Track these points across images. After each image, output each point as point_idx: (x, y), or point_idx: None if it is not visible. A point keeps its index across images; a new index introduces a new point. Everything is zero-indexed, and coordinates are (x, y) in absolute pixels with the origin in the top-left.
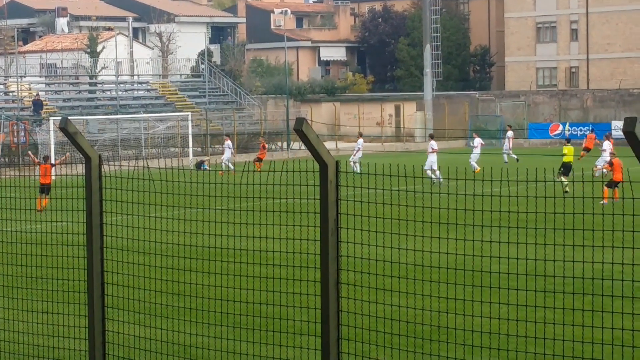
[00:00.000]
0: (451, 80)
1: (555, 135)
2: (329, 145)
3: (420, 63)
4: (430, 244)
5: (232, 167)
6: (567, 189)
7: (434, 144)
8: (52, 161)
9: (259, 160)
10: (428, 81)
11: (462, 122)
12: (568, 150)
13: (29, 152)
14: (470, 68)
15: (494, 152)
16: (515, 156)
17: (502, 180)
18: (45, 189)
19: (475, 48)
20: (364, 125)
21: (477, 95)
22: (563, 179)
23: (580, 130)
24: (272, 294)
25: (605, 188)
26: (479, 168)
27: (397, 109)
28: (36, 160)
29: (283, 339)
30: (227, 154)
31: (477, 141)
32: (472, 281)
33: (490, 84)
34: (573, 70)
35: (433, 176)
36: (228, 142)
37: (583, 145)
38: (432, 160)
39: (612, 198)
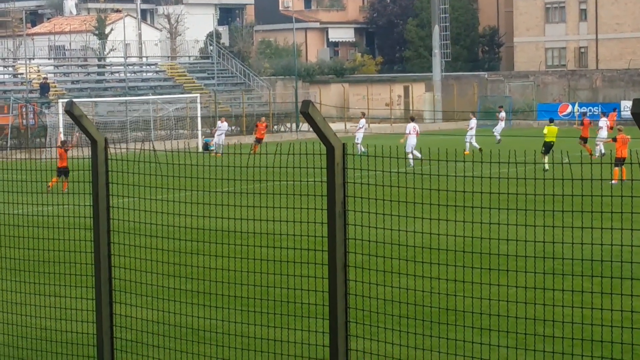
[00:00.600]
0: (460, 61)
1: (564, 115)
2: (338, 126)
3: (429, 44)
4: (438, 226)
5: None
6: (547, 167)
7: (414, 126)
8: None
9: (258, 141)
10: (437, 62)
11: (471, 103)
12: (549, 130)
13: (60, 132)
14: (479, 49)
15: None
16: (499, 137)
17: (509, 162)
18: (61, 172)
19: (484, 28)
20: (373, 106)
21: (486, 76)
22: (545, 159)
23: (590, 110)
24: (280, 276)
25: (615, 169)
26: (467, 151)
27: (406, 90)
28: (59, 142)
29: (291, 321)
30: (222, 136)
31: (473, 122)
32: (480, 263)
33: (499, 65)
34: (582, 50)
35: (420, 155)
36: (224, 124)
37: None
38: (412, 142)
39: (621, 179)
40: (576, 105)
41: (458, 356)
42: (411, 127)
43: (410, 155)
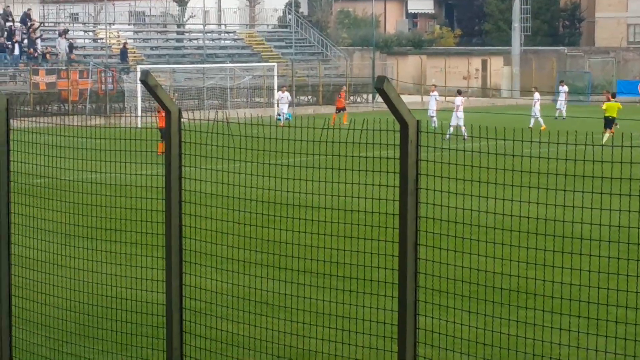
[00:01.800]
0: (540, 36)
1: None
2: (415, 98)
3: (509, 17)
4: (511, 206)
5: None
6: (604, 141)
7: (459, 100)
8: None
9: (339, 110)
10: (516, 36)
11: (550, 78)
12: (608, 106)
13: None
14: (560, 23)
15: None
16: (559, 115)
17: (586, 145)
18: (162, 133)
19: (565, 3)
20: (450, 79)
21: (565, 51)
22: (605, 133)
23: None
24: (350, 253)
25: None
26: (544, 126)
27: (484, 63)
28: None
29: (360, 298)
30: (285, 106)
31: (537, 96)
32: (553, 246)
33: (579, 40)
34: None
35: (449, 134)
36: (286, 94)
37: None
38: (459, 116)
39: None
40: None
41: (528, 339)
42: (460, 100)
43: (459, 130)
